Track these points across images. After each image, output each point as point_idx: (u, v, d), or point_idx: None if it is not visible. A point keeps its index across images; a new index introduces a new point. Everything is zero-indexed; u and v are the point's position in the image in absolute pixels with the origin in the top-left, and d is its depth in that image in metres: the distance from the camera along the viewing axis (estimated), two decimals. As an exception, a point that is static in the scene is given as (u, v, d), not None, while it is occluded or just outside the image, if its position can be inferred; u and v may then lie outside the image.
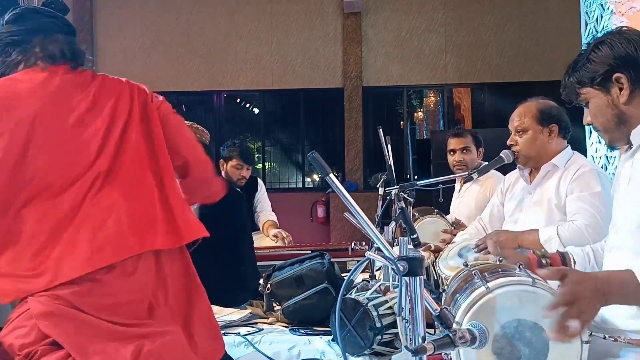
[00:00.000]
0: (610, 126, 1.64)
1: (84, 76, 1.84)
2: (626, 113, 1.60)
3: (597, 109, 1.64)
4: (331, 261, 2.74)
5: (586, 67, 1.64)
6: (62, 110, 1.75)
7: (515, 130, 2.67)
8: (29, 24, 1.84)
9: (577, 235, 2.36)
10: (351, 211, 1.33)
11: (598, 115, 1.65)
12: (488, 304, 1.46)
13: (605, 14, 4.26)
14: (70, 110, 1.75)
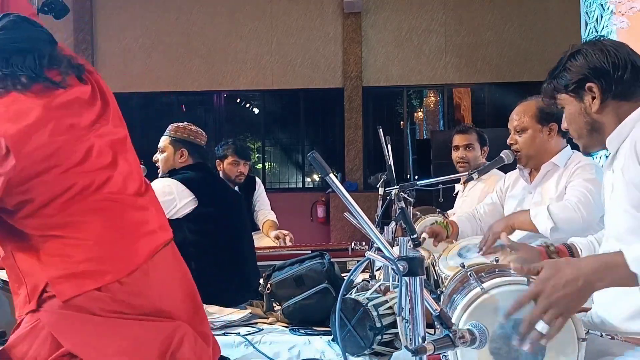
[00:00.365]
0: (583, 133, 1.69)
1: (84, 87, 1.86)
2: (598, 121, 1.65)
3: (571, 115, 1.70)
4: (331, 261, 2.74)
5: (562, 74, 1.71)
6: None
7: (515, 130, 2.67)
8: (25, 32, 1.80)
9: (567, 210, 2.34)
10: (351, 211, 1.33)
11: (572, 122, 1.71)
12: (484, 305, 1.46)
13: (605, 14, 4.26)
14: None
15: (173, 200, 2.96)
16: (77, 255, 1.63)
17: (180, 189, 2.99)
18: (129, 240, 1.72)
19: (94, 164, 1.72)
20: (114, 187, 1.74)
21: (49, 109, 1.69)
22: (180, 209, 2.97)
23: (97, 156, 1.73)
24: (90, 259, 1.64)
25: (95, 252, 1.65)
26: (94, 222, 1.67)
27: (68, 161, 1.67)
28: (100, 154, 1.75)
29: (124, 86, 9.49)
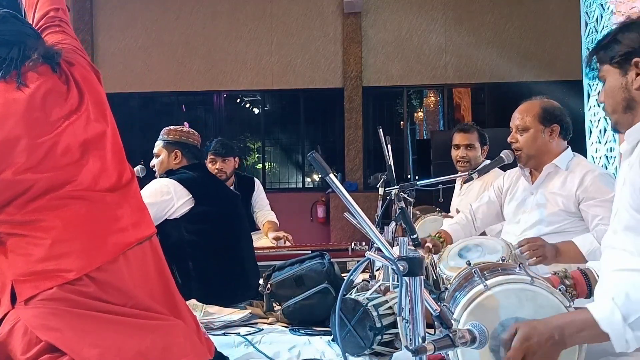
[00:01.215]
0: (618, 109, 1.64)
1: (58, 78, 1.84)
2: (635, 99, 1.60)
3: (610, 89, 1.64)
4: (331, 261, 2.74)
5: (611, 45, 1.64)
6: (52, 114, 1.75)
7: (517, 128, 2.67)
8: (13, 26, 1.83)
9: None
10: (351, 211, 1.33)
11: (609, 96, 1.65)
12: (486, 302, 1.46)
13: (606, 14, 4.26)
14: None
15: (171, 200, 2.96)
16: (36, 254, 1.63)
17: (178, 189, 3.00)
18: (94, 237, 1.71)
19: (57, 162, 1.71)
20: (79, 185, 1.72)
21: (9, 104, 1.69)
22: (177, 208, 2.97)
23: (61, 154, 1.72)
24: (49, 258, 1.63)
25: (56, 251, 1.64)
26: (54, 219, 1.66)
27: (25, 161, 1.66)
28: (66, 152, 1.73)
29: (124, 86, 9.49)
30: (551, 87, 7.94)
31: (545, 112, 2.63)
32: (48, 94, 1.76)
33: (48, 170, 1.69)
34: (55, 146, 1.72)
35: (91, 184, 1.75)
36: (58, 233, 1.66)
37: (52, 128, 1.73)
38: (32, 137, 1.69)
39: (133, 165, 3.25)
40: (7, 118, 1.68)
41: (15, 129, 1.67)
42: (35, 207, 1.66)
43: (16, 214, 1.65)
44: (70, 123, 1.77)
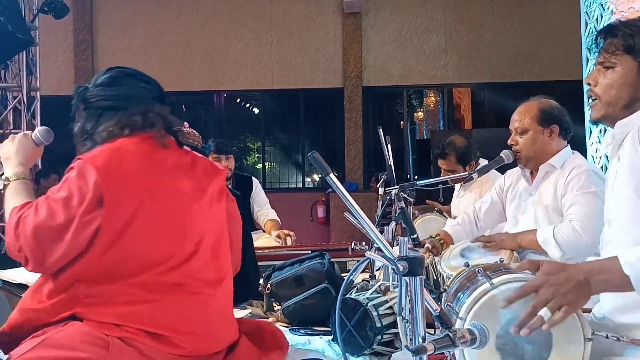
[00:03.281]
0: (618, 103, 1.58)
1: (184, 154, 1.86)
2: (639, 100, 1.56)
3: (619, 79, 1.57)
4: (331, 261, 2.74)
5: (638, 35, 1.55)
6: (167, 186, 1.75)
7: (516, 131, 2.66)
8: (123, 89, 1.82)
9: (574, 238, 2.40)
10: (351, 211, 1.33)
11: (616, 87, 1.57)
12: (492, 300, 1.46)
13: (605, 14, 4.26)
14: (174, 187, 1.76)
15: None
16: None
17: None
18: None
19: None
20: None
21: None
22: None
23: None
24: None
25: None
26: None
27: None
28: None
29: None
30: (551, 87, 7.94)
31: (544, 112, 2.62)
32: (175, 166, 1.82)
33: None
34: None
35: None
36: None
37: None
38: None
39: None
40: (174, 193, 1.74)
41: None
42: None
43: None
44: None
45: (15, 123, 6.82)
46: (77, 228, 1.59)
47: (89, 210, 1.59)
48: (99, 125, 1.77)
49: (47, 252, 1.59)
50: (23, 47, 6.26)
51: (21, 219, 1.62)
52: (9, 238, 1.64)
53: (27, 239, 1.60)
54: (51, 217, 1.59)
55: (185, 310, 1.70)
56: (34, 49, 6.79)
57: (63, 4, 6.63)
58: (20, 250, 1.61)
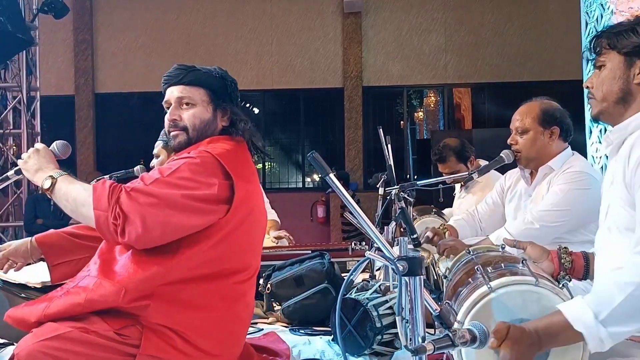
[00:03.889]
0: (610, 98, 1.62)
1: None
2: (632, 94, 1.59)
3: (609, 76, 1.62)
4: (331, 261, 2.74)
5: (627, 33, 1.60)
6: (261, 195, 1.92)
7: (516, 130, 2.65)
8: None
9: (521, 226, 2.46)
10: (351, 211, 1.33)
11: (606, 82, 1.62)
12: (490, 304, 1.45)
13: (606, 14, 4.26)
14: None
15: None
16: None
17: None
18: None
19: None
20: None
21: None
22: None
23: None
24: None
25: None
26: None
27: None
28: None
29: (124, 86, 9.50)
30: (551, 87, 7.94)
31: (545, 114, 2.61)
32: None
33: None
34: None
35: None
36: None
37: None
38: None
39: (132, 165, 3.26)
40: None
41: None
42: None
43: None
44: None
45: (15, 123, 6.82)
46: (203, 210, 1.65)
47: (218, 201, 1.67)
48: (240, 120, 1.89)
49: (157, 221, 1.61)
50: (23, 47, 6.27)
51: (123, 190, 1.64)
52: (100, 209, 1.63)
53: (135, 206, 1.60)
54: (177, 190, 1.64)
55: (228, 325, 1.77)
56: (33, 48, 6.79)
57: (63, 4, 6.64)
58: (117, 218, 1.60)
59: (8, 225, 6.72)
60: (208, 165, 1.70)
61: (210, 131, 1.86)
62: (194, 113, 1.85)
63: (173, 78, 1.90)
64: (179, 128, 1.86)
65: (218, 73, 1.93)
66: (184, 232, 1.66)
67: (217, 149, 1.76)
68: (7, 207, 6.68)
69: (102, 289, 1.65)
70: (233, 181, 1.70)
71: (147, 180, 1.67)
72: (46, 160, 1.86)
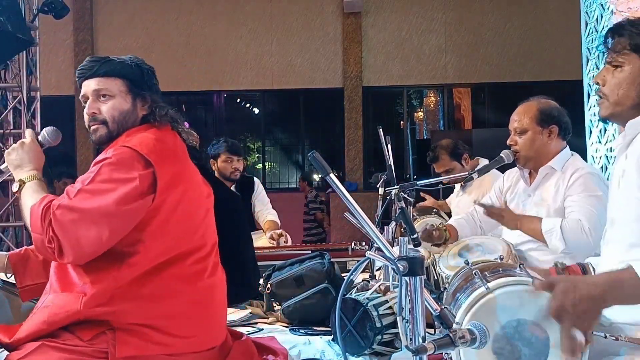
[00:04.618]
0: (626, 102, 1.57)
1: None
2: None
3: (627, 78, 1.56)
4: (331, 261, 2.74)
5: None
6: (196, 177, 1.90)
7: (515, 131, 2.66)
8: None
9: (580, 234, 2.38)
10: (351, 211, 1.33)
11: (624, 86, 1.56)
12: (488, 304, 1.45)
13: (606, 14, 4.26)
14: (199, 179, 1.92)
15: None
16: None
17: None
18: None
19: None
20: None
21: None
22: None
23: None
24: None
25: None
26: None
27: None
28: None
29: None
30: (551, 87, 7.94)
31: (543, 113, 2.61)
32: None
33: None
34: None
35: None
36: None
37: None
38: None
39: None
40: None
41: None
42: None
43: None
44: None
45: (15, 123, 6.81)
46: (130, 209, 1.63)
47: (142, 193, 1.65)
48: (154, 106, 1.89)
49: (88, 236, 1.60)
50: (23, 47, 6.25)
51: (51, 209, 1.62)
52: (36, 232, 1.64)
53: (62, 227, 1.60)
54: (99, 199, 1.63)
55: (197, 306, 1.77)
56: (34, 49, 6.78)
57: (63, 4, 6.63)
58: (52, 241, 1.60)
59: (8, 225, 6.71)
60: (125, 161, 1.67)
61: (130, 122, 1.83)
62: (113, 105, 1.81)
63: (87, 71, 1.83)
64: (98, 122, 1.81)
65: (133, 62, 1.88)
66: (120, 237, 1.65)
67: (134, 140, 1.74)
68: (7, 207, 6.67)
69: (62, 300, 1.66)
70: (154, 168, 1.68)
71: (71, 194, 1.65)
72: (28, 157, 1.85)
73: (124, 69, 1.84)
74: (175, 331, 1.69)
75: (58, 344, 1.62)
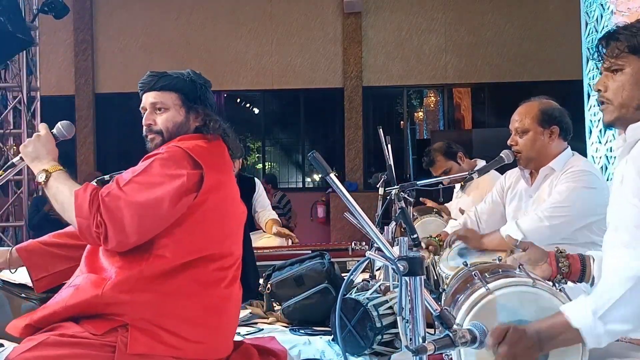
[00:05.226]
0: (631, 104, 1.56)
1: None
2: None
3: (630, 80, 1.55)
4: (331, 261, 2.74)
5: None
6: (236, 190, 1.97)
7: (516, 131, 2.65)
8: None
9: (534, 222, 2.44)
10: (351, 211, 1.33)
11: (627, 88, 1.55)
12: (488, 305, 1.46)
13: (606, 14, 4.26)
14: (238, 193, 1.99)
15: None
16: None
17: None
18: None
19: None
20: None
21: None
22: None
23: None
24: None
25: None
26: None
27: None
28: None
29: (124, 86, 9.48)
30: (551, 87, 7.94)
31: (544, 113, 2.61)
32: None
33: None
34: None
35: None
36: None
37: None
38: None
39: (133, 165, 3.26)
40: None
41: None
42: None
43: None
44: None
45: (15, 123, 6.81)
46: (174, 205, 1.70)
47: (188, 190, 1.72)
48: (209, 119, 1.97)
49: (133, 224, 1.67)
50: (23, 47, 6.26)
51: (100, 195, 1.69)
52: (82, 217, 1.69)
53: (111, 213, 1.66)
54: (148, 191, 1.70)
55: (209, 313, 1.79)
56: (34, 49, 6.78)
57: (63, 4, 6.63)
58: (100, 226, 1.66)
59: (8, 225, 6.71)
60: (176, 158, 1.77)
61: (183, 132, 1.94)
62: (167, 117, 1.95)
63: (146, 85, 2.04)
64: (154, 132, 1.96)
65: (189, 76, 2.01)
66: (160, 229, 1.72)
67: (186, 143, 1.84)
68: (8, 207, 6.67)
69: (87, 282, 1.72)
70: (203, 169, 1.76)
71: (121, 183, 1.73)
72: (45, 149, 1.90)
73: (178, 84, 1.99)
74: (185, 334, 1.71)
75: (65, 338, 1.63)
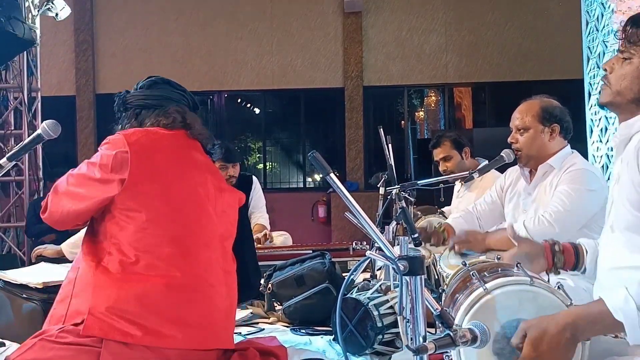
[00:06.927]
0: (627, 95, 1.57)
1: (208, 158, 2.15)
2: None
3: (633, 72, 1.55)
4: (332, 261, 2.74)
5: None
6: (194, 179, 1.97)
7: (517, 129, 2.66)
8: (162, 92, 2.16)
9: (541, 225, 2.43)
10: (352, 211, 1.33)
11: (628, 78, 1.56)
12: (487, 305, 1.45)
13: (606, 13, 4.26)
14: (199, 181, 1.98)
15: None
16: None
17: None
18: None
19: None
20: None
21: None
22: None
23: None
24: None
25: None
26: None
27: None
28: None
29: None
30: (552, 86, 7.94)
31: (545, 111, 2.62)
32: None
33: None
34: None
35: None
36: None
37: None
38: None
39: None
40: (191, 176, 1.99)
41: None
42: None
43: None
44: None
45: (16, 124, 6.81)
46: (97, 184, 1.82)
47: (112, 169, 1.81)
48: (139, 120, 2.04)
49: (61, 202, 1.86)
50: (24, 47, 6.26)
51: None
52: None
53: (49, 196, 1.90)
54: (77, 171, 1.88)
55: (189, 303, 1.79)
56: (34, 49, 6.79)
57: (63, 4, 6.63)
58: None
59: (9, 225, 6.72)
60: (114, 142, 1.90)
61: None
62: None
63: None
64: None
65: (120, 93, 2.18)
66: (82, 214, 1.88)
67: (128, 130, 1.97)
68: (9, 208, 6.68)
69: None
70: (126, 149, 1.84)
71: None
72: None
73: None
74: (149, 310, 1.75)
75: (55, 340, 1.67)
